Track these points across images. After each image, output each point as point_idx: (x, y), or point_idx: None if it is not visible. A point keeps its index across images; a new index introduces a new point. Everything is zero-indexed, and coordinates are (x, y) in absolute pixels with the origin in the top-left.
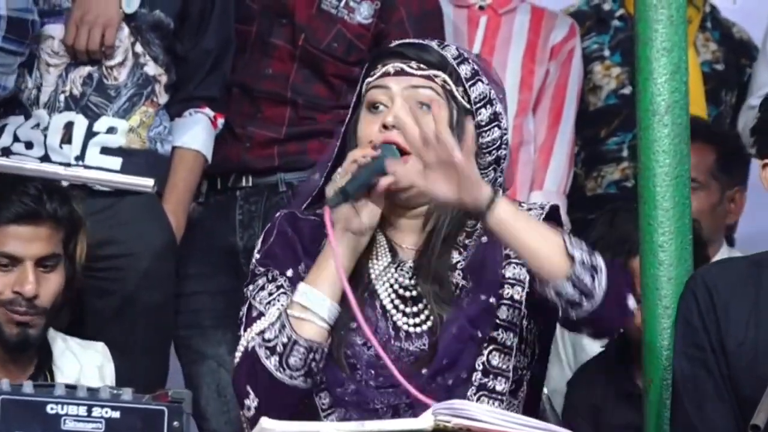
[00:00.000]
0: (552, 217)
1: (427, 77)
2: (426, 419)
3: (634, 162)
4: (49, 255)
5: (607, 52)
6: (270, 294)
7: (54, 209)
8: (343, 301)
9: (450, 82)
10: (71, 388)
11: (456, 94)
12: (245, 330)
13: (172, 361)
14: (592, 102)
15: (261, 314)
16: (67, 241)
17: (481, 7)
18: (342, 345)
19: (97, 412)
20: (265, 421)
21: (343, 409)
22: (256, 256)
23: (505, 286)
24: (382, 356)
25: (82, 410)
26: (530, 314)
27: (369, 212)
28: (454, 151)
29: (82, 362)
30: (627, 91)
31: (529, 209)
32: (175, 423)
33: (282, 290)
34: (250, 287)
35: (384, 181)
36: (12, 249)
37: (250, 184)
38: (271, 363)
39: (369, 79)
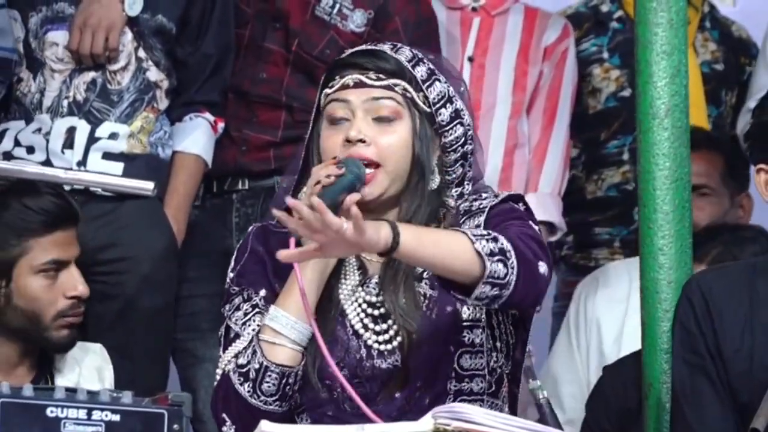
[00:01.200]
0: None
1: (387, 87)
2: (426, 422)
3: (635, 165)
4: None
5: (605, 54)
6: (246, 314)
7: (78, 208)
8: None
9: (410, 89)
10: (71, 391)
11: (417, 100)
12: (223, 352)
13: (173, 364)
14: (591, 105)
15: (237, 335)
16: None
17: (473, 9)
18: (315, 367)
19: (97, 415)
20: (264, 424)
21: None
22: (230, 275)
23: None
24: (346, 387)
25: (82, 413)
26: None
27: None
28: (342, 228)
29: (81, 365)
30: (626, 93)
31: (486, 198)
32: (175, 426)
33: (257, 310)
34: (227, 307)
35: (351, 199)
36: (59, 255)
37: (246, 187)
38: (244, 389)
39: (327, 91)
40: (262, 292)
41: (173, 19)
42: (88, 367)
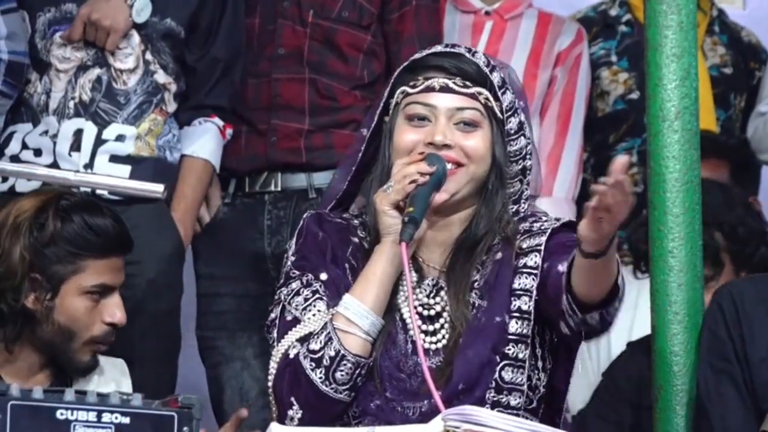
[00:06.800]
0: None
1: (471, 95)
2: (436, 425)
3: (644, 167)
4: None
5: (614, 58)
6: (306, 299)
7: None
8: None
9: (491, 98)
10: (81, 393)
11: (495, 109)
12: (280, 335)
13: (181, 368)
14: (600, 108)
15: (296, 319)
16: None
17: (487, 13)
18: (379, 357)
19: (107, 417)
20: (275, 427)
21: (372, 417)
22: (291, 258)
23: (512, 298)
24: (428, 379)
25: (92, 416)
26: (540, 324)
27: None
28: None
29: (99, 376)
30: (635, 96)
31: (546, 221)
32: (185, 429)
33: (318, 295)
34: (284, 290)
35: (439, 198)
36: (109, 280)
37: (279, 188)
38: (316, 375)
39: (408, 90)
40: (323, 276)
41: (182, 23)
42: (106, 380)
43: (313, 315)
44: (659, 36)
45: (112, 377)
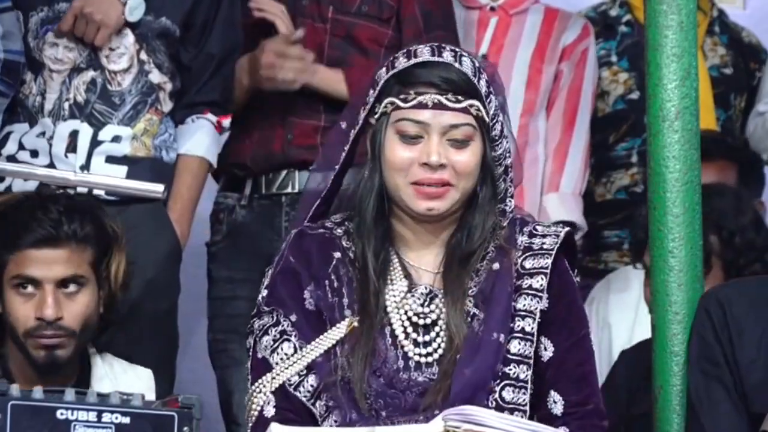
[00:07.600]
0: (567, 243)
1: (463, 110)
2: (436, 425)
3: (644, 167)
4: (70, 277)
5: (614, 58)
6: (274, 340)
7: (74, 231)
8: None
9: (482, 109)
10: (81, 393)
11: (486, 118)
12: (254, 375)
13: (181, 368)
14: (600, 108)
15: (266, 360)
16: (98, 261)
17: (492, 8)
18: (368, 376)
19: (107, 417)
20: (275, 427)
21: None
22: (264, 292)
23: (516, 318)
24: None
25: (92, 416)
26: (541, 344)
27: None
28: None
29: (122, 386)
30: (635, 96)
31: (545, 235)
32: (185, 429)
33: (285, 337)
34: (257, 322)
35: None
36: (31, 272)
37: (296, 189)
38: None
39: (399, 104)
40: (293, 317)
41: (177, 21)
42: (128, 389)
43: (281, 359)
44: (659, 36)
45: (135, 387)
